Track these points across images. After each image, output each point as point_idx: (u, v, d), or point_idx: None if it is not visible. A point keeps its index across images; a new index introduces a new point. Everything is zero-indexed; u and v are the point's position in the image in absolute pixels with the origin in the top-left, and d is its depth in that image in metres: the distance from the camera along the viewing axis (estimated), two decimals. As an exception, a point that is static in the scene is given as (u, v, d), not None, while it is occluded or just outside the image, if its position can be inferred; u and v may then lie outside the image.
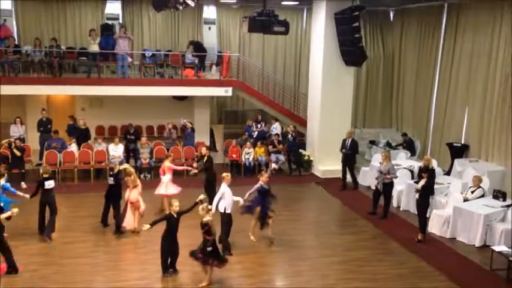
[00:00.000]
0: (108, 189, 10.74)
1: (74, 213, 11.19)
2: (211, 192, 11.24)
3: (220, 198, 9.66)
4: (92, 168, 14.55)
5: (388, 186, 11.94)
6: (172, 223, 8.59)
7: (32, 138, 15.81)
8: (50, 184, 10.15)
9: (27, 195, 10.16)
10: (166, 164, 11.95)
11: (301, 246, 10.49)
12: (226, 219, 9.65)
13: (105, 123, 17.59)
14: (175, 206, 8.63)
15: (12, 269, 8.65)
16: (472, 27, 14.67)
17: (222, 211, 9.61)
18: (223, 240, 9.62)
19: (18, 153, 13.53)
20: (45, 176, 10.19)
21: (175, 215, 8.57)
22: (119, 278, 8.76)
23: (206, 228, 8.23)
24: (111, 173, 10.95)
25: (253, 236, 10.39)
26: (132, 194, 10.55)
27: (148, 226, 8.46)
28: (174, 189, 11.63)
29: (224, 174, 9.88)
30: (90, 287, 8.47)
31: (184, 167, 13.27)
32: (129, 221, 10.64)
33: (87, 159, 14.66)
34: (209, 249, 8.24)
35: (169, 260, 8.83)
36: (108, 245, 10.16)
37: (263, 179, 10.18)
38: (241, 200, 9.93)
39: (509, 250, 9.27)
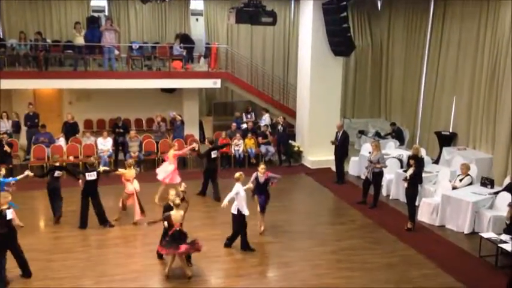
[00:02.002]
0: (89, 185, 10.41)
1: (63, 208, 11.07)
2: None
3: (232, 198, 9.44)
4: (80, 162, 14.43)
5: (377, 176, 11.98)
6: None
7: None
8: (58, 173, 10.52)
9: (31, 173, 10.43)
10: (172, 152, 12.21)
11: (291, 236, 10.50)
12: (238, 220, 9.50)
13: (93, 116, 17.44)
14: (171, 194, 8.72)
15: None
16: (459, 17, 14.70)
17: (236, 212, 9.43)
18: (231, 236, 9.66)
19: (9, 150, 13.39)
20: (56, 165, 10.69)
21: (171, 204, 8.54)
22: (109, 272, 8.72)
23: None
24: (92, 168, 10.56)
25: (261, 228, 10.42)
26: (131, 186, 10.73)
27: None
28: (177, 178, 11.95)
29: (237, 174, 9.53)
30: (79, 282, 8.41)
31: (186, 149, 13.49)
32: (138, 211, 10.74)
33: (76, 153, 14.55)
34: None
35: None
36: (97, 240, 10.10)
37: (259, 170, 10.14)
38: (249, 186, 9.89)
39: (498, 237, 9.36)
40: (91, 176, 10.35)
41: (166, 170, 12.15)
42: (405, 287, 8.44)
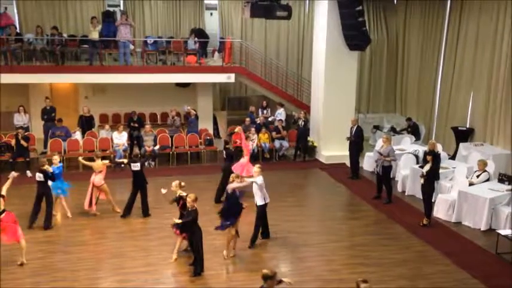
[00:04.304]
0: (135, 176, 10.69)
1: (79, 201, 11.21)
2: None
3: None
4: (94, 156, 14.49)
5: (386, 169, 11.91)
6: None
7: (36, 126, 15.84)
8: (40, 177, 10.02)
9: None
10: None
11: (306, 231, 10.49)
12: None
13: (109, 111, 17.57)
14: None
15: None
16: (477, 10, 14.48)
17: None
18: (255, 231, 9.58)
19: (25, 144, 13.54)
20: (42, 168, 10.10)
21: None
22: (124, 265, 8.80)
23: (182, 202, 8.61)
24: (135, 159, 10.93)
25: (226, 251, 9.15)
26: (98, 178, 10.81)
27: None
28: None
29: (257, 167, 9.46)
30: (95, 274, 8.51)
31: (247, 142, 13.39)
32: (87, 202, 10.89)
33: (92, 147, 14.67)
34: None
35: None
36: (113, 233, 10.19)
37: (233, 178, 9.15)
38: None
39: (515, 234, 9.25)
40: (135, 166, 10.59)
41: (241, 164, 12.09)
42: (420, 283, 8.38)
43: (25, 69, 14.98)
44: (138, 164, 10.64)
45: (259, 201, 9.37)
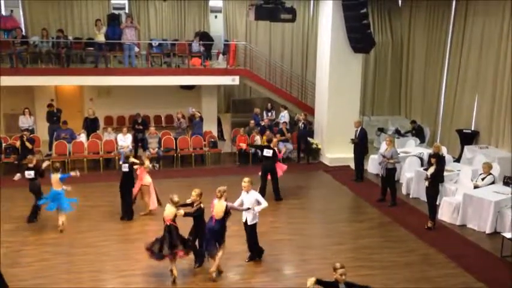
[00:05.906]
0: (123, 177, 10.73)
1: (84, 202, 11.26)
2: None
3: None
4: (101, 158, 14.61)
5: (390, 171, 11.88)
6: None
7: (41, 128, 15.92)
8: (29, 174, 10.25)
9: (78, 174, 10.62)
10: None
11: (309, 234, 10.49)
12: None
13: (113, 113, 17.63)
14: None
15: None
16: (482, 12, 14.44)
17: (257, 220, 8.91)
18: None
19: (30, 146, 13.60)
20: (29, 165, 10.33)
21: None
22: (128, 267, 8.82)
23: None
24: (125, 160, 10.91)
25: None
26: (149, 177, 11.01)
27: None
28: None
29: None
30: (99, 276, 8.53)
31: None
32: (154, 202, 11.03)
33: (96, 150, 14.72)
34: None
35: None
36: (118, 235, 10.22)
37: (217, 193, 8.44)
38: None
39: (520, 237, 9.20)
40: (124, 168, 10.68)
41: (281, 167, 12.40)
42: (424, 286, 8.35)
43: (30, 71, 15.07)
44: (127, 165, 10.66)
45: (251, 220, 8.80)
